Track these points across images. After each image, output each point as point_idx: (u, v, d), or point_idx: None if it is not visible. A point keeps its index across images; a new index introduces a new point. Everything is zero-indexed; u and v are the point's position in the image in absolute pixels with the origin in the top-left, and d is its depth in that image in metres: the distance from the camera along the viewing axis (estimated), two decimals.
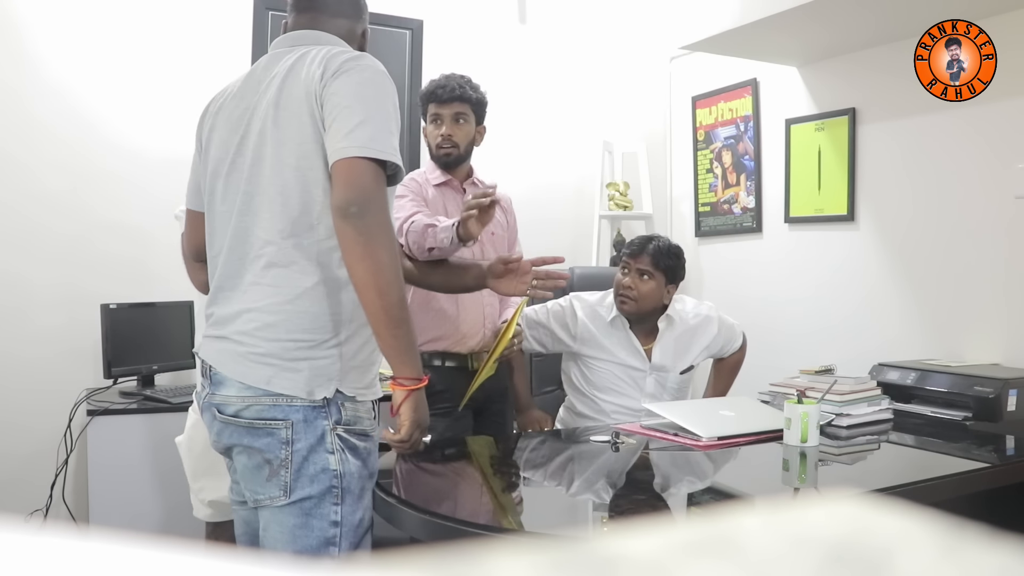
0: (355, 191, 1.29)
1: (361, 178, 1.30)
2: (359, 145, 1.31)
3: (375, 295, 1.30)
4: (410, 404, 1.37)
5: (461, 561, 0.22)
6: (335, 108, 1.33)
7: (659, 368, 2.32)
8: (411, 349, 1.35)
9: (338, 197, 1.30)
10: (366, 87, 1.35)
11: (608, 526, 1.46)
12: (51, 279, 2.83)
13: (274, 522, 1.39)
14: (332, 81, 1.34)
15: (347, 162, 1.31)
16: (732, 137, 3.43)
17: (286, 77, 1.39)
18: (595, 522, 1.52)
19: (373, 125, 1.32)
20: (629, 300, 2.26)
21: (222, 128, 1.47)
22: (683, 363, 2.36)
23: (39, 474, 2.70)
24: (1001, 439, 2.09)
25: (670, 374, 2.33)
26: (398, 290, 1.31)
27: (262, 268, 1.39)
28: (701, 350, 2.39)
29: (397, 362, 1.35)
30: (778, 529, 0.24)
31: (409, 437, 1.39)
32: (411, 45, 3.30)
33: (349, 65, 1.36)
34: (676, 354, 2.34)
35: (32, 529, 0.22)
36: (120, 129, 2.91)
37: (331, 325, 1.38)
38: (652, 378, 2.32)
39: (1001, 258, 2.47)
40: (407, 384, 1.36)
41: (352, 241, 1.29)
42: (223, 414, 1.40)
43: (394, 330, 1.32)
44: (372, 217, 1.29)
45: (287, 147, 1.38)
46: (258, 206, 1.40)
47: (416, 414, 1.38)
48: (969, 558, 0.23)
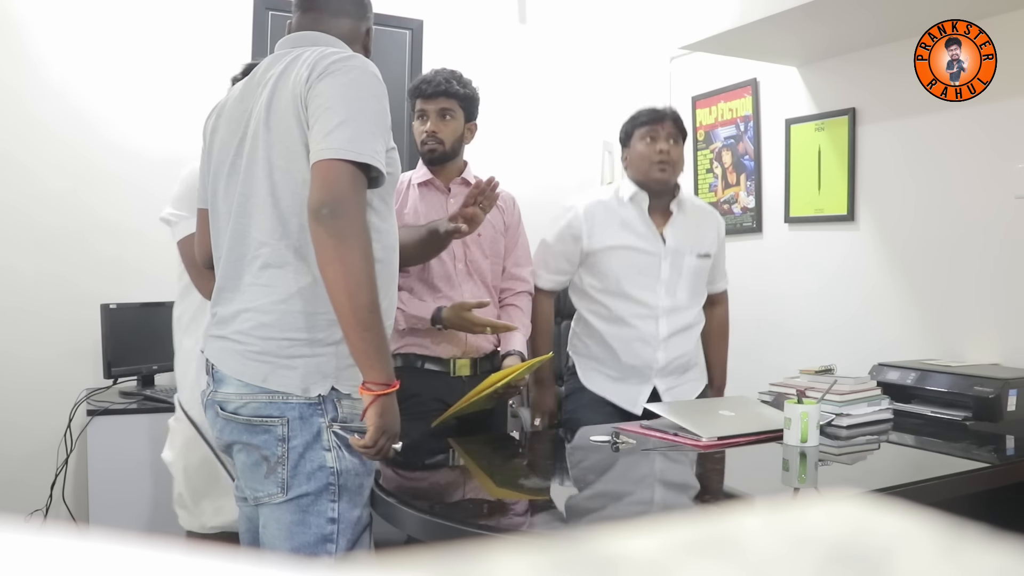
0: (328, 193, 1.29)
1: (336, 181, 1.30)
2: (336, 147, 1.30)
3: (344, 297, 1.29)
4: (376, 409, 1.33)
5: (461, 561, 0.22)
6: (317, 110, 1.33)
7: (674, 251, 2.26)
8: (379, 353, 1.32)
9: (312, 198, 1.30)
10: (350, 88, 1.35)
11: (608, 526, 1.46)
12: (51, 279, 2.83)
13: (272, 519, 1.41)
14: (317, 83, 1.34)
15: (324, 164, 1.30)
16: (732, 137, 3.43)
17: (278, 80, 1.40)
18: (595, 522, 1.52)
19: (354, 127, 1.32)
20: (667, 165, 2.21)
21: (223, 130, 1.49)
22: (698, 247, 2.30)
23: (39, 474, 2.70)
24: (1001, 439, 2.09)
25: (685, 257, 2.27)
26: (368, 292, 1.30)
27: (258, 269, 1.40)
28: (710, 241, 2.34)
29: (365, 366, 1.32)
30: (778, 529, 0.24)
31: (374, 443, 1.34)
32: (411, 45, 3.30)
33: (336, 67, 1.36)
34: (689, 237, 2.29)
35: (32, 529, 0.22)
36: (120, 129, 2.90)
37: (326, 323, 1.38)
38: (667, 263, 2.25)
39: (1001, 258, 2.47)
40: (374, 389, 1.33)
41: (323, 243, 1.29)
42: (224, 411, 1.43)
43: (363, 333, 1.30)
44: (344, 219, 1.29)
45: (276, 149, 1.39)
46: (252, 208, 1.41)
47: (382, 420, 1.33)
48: (969, 558, 0.23)
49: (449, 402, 2.03)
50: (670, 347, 2.26)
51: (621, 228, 2.25)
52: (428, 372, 2.10)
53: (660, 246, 2.25)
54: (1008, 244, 2.45)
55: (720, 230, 2.43)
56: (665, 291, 2.25)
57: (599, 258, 2.25)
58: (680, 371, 2.32)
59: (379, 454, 1.37)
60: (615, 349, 2.26)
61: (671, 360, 2.27)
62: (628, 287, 2.24)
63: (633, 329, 2.24)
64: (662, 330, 2.25)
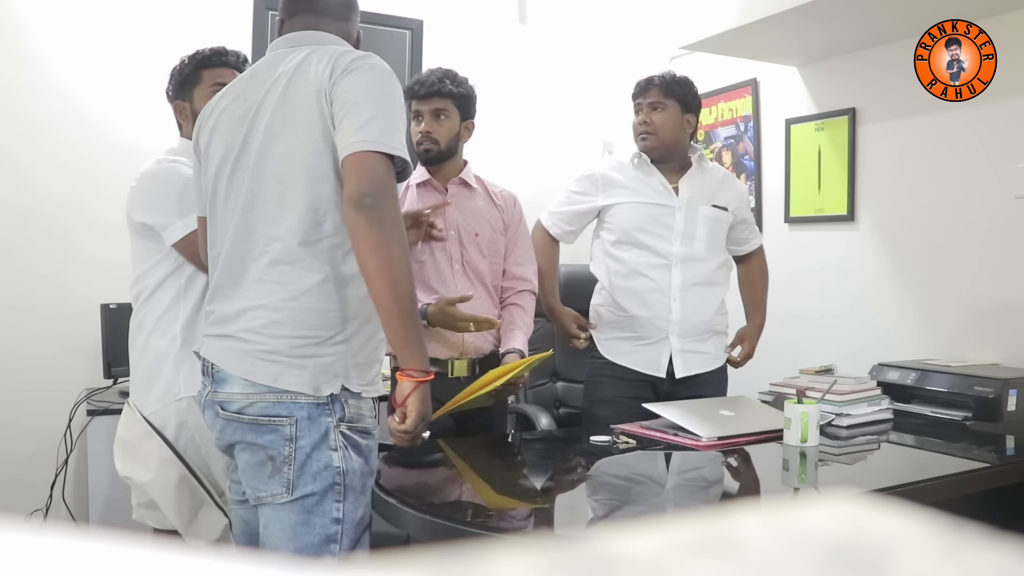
0: (369, 183, 1.31)
1: (374, 170, 1.32)
2: (371, 140, 1.32)
3: (387, 285, 1.31)
4: (417, 396, 1.38)
5: (461, 561, 0.22)
6: (345, 104, 1.35)
7: (688, 202, 2.30)
8: (420, 341, 1.36)
9: (352, 188, 1.32)
10: (374, 85, 1.38)
11: (608, 526, 1.46)
12: (51, 279, 2.83)
13: (275, 519, 1.40)
14: (341, 79, 1.36)
15: (360, 156, 1.32)
16: (732, 137, 3.43)
17: (293, 75, 1.40)
18: (595, 522, 1.52)
19: (383, 121, 1.35)
20: (648, 135, 2.29)
21: (224, 128, 1.48)
22: (713, 199, 2.34)
23: (39, 474, 2.70)
24: (1001, 439, 2.09)
25: (700, 207, 2.31)
26: (409, 282, 1.33)
27: (267, 265, 1.39)
28: (729, 199, 2.38)
29: (407, 353, 1.35)
30: (778, 529, 0.24)
31: (414, 428, 1.39)
32: (411, 45, 3.30)
33: (357, 64, 1.38)
34: (704, 190, 2.34)
35: (32, 529, 0.22)
36: (120, 129, 2.90)
37: (336, 321, 1.39)
38: (682, 214, 2.29)
39: (1001, 258, 2.47)
40: (416, 376, 1.37)
41: (364, 232, 1.30)
42: (226, 411, 1.41)
43: (405, 320, 1.33)
44: (385, 209, 1.31)
45: (294, 144, 1.39)
46: (262, 203, 1.40)
47: (423, 406, 1.38)
48: (969, 558, 0.23)
49: (445, 403, 2.03)
50: (686, 300, 2.27)
51: (635, 182, 2.32)
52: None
53: (673, 198, 2.31)
54: (1008, 244, 2.45)
55: (743, 194, 2.49)
56: (681, 240, 2.29)
57: (614, 212, 2.32)
58: (697, 334, 2.30)
59: (414, 440, 1.41)
60: (630, 305, 2.29)
61: (687, 315, 2.27)
62: (641, 236, 2.29)
63: (647, 279, 2.27)
64: (675, 280, 2.27)
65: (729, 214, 2.37)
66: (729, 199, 2.38)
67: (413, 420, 1.38)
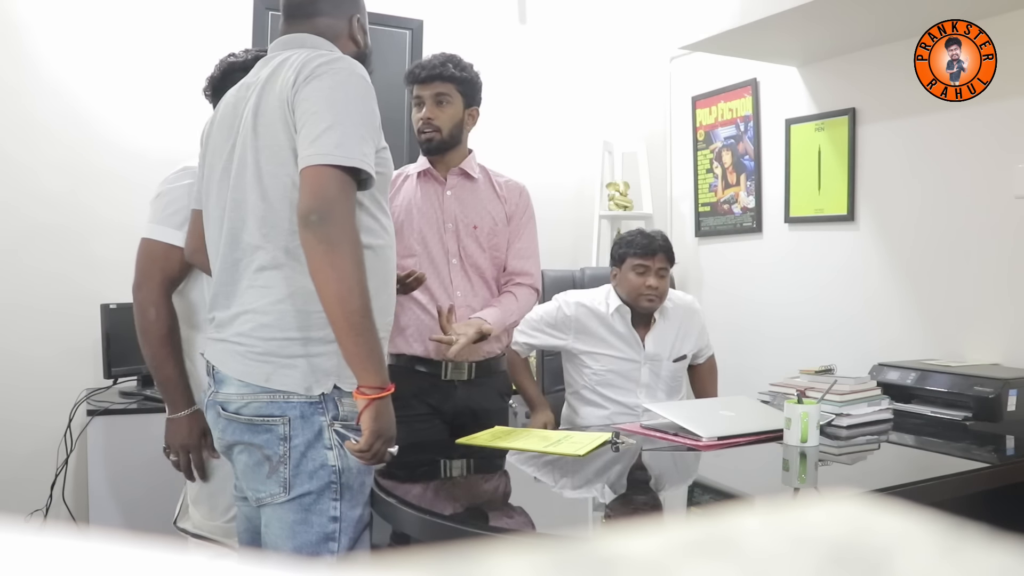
0: (316, 200, 1.29)
1: (324, 187, 1.30)
2: (324, 152, 1.30)
3: (335, 303, 1.29)
4: (370, 413, 1.32)
5: (461, 561, 0.22)
6: (304, 114, 1.34)
7: (653, 357, 2.39)
8: (372, 356, 1.32)
9: (301, 206, 1.30)
10: (336, 91, 1.35)
11: (608, 526, 1.46)
12: (51, 279, 2.83)
13: (275, 519, 1.42)
14: (303, 86, 1.35)
15: (312, 170, 1.31)
16: (732, 137, 3.43)
17: (265, 84, 1.41)
18: (595, 522, 1.52)
19: (341, 131, 1.32)
20: (656, 299, 2.36)
21: (217, 135, 1.51)
22: (675, 352, 2.44)
23: (39, 474, 2.70)
24: (1001, 439, 2.09)
25: (663, 363, 2.40)
26: (359, 297, 1.29)
27: (255, 272, 1.41)
28: (692, 339, 2.48)
29: (359, 369, 1.32)
30: (778, 529, 0.24)
31: (369, 447, 1.33)
32: (411, 45, 3.30)
33: (322, 70, 1.36)
34: (668, 343, 2.42)
35: (32, 529, 0.22)
36: (120, 129, 2.91)
37: (325, 321, 1.38)
38: (647, 368, 2.39)
39: (1001, 258, 2.47)
40: (368, 393, 1.32)
41: (312, 249, 1.29)
42: (225, 411, 1.44)
43: (355, 338, 1.30)
44: (333, 226, 1.29)
45: (264, 154, 1.39)
46: (244, 212, 1.42)
47: (377, 424, 1.32)
48: (969, 558, 0.23)
49: (437, 407, 2.02)
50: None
51: (605, 332, 2.38)
52: (417, 374, 2.02)
53: (640, 352, 2.39)
54: (1008, 244, 2.45)
55: (701, 321, 2.55)
56: (645, 394, 2.38)
57: (583, 359, 2.40)
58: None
59: (374, 458, 1.36)
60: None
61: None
62: (607, 391, 2.38)
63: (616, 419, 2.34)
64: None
65: (687, 360, 2.49)
66: (691, 341, 2.48)
67: (366, 439, 1.32)
